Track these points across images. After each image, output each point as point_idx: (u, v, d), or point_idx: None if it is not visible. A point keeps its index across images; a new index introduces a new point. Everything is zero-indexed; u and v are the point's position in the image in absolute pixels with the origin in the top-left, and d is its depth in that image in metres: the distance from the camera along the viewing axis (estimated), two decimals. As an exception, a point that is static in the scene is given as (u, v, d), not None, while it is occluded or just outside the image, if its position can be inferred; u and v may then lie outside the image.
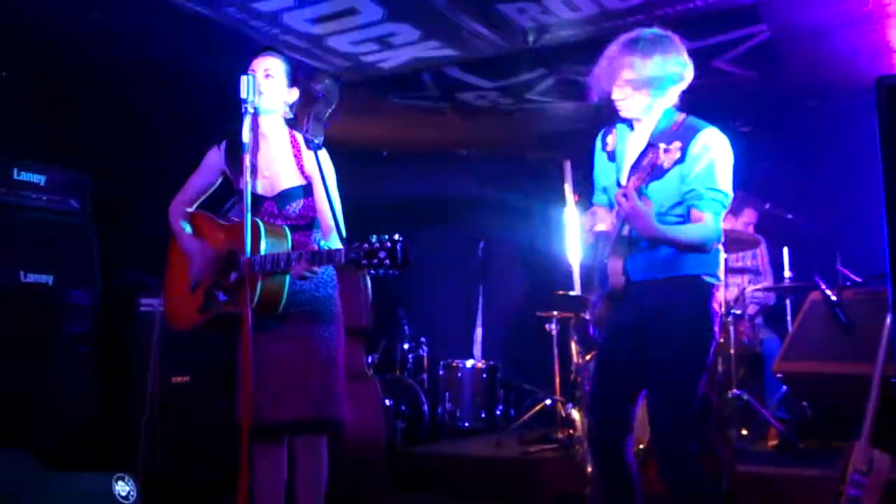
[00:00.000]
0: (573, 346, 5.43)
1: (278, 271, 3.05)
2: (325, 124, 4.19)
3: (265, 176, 3.33)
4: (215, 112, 3.62)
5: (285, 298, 3.15)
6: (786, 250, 5.74)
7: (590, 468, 4.44)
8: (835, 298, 4.50)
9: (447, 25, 4.64)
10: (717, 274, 3.06)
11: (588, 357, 5.09)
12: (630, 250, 3.05)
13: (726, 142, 3.04)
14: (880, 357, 3.39)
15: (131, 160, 5.55)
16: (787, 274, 5.66)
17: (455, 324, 7.97)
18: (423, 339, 7.30)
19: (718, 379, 5.24)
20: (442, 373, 6.76)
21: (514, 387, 7.05)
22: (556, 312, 6.12)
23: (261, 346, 3.20)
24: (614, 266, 3.04)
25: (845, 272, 5.16)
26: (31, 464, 3.80)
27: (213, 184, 3.47)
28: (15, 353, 4.27)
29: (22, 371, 4.28)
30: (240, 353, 3.25)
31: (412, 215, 7.49)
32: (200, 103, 5.51)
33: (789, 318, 5.68)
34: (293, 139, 3.40)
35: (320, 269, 3.16)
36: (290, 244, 3.17)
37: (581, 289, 5.30)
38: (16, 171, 4.48)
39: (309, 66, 5.09)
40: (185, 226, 3.43)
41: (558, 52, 4.93)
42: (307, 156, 3.35)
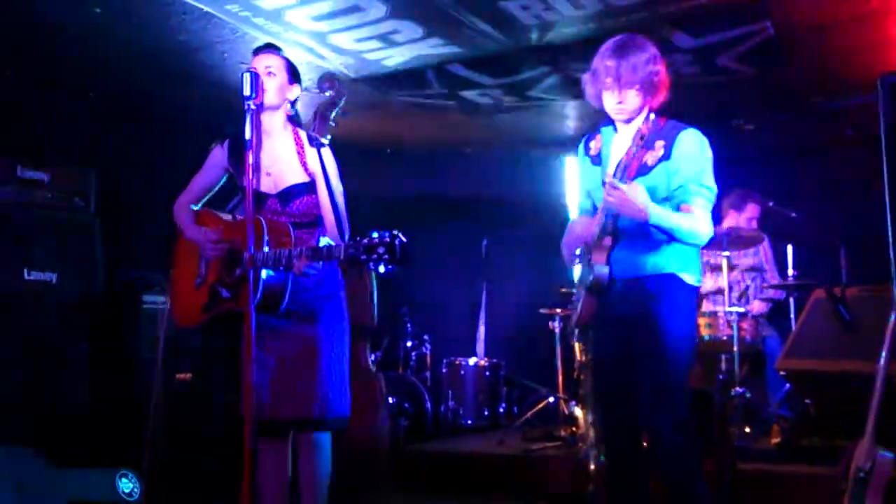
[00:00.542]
0: (576, 343, 5.42)
1: (280, 269, 3.06)
2: (332, 123, 4.18)
3: (269, 173, 3.33)
4: (219, 109, 3.62)
5: (288, 296, 3.16)
6: (790, 248, 5.74)
7: (592, 466, 4.45)
8: (838, 296, 4.49)
9: (451, 23, 4.63)
10: (697, 274, 3.19)
11: (591, 356, 5.09)
12: (614, 247, 3.12)
13: (706, 142, 3.13)
14: (884, 355, 3.39)
15: (135, 158, 5.56)
16: (791, 272, 5.66)
17: (458, 321, 7.97)
18: (427, 337, 7.31)
19: (721, 377, 5.24)
20: (445, 370, 6.77)
21: (517, 384, 7.06)
22: (559, 310, 6.12)
23: (265, 343, 3.22)
24: (598, 259, 3.10)
25: (849, 269, 5.16)
26: (36, 460, 3.81)
27: (218, 182, 3.47)
28: (19, 351, 4.28)
29: (26, 368, 4.29)
30: (244, 350, 3.25)
31: (415, 213, 7.49)
32: (204, 100, 5.53)
33: (793, 316, 5.68)
34: (297, 136, 3.39)
35: (321, 265, 3.17)
36: (292, 242, 3.17)
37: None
38: (20, 169, 4.49)
39: (313, 64, 5.09)
40: (190, 220, 3.44)
41: (562, 49, 4.93)
42: (310, 153, 3.34)
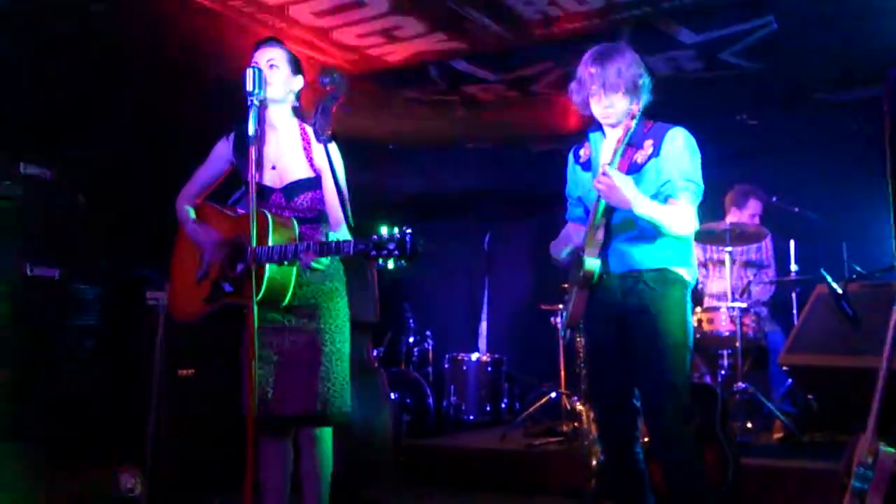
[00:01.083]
0: (578, 339, 5.42)
1: (286, 262, 3.06)
2: (331, 118, 4.18)
3: (274, 167, 3.32)
4: (222, 105, 3.62)
5: (291, 291, 3.16)
6: (792, 243, 5.74)
7: (595, 461, 4.45)
8: (841, 291, 4.49)
9: (453, 18, 4.63)
10: (691, 268, 3.18)
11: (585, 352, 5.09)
12: (607, 241, 3.13)
13: (694, 140, 3.16)
14: (886, 350, 3.38)
15: (138, 153, 5.56)
16: (794, 267, 5.66)
17: (460, 317, 7.98)
18: (429, 333, 7.32)
19: (724, 372, 5.24)
20: (447, 366, 6.77)
21: (518, 380, 7.06)
22: (561, 305, 6.11)
23: (267, 338, 3.22)
24: (590, 254, 3.11)
25: (851, 264, 5.15)
26: (38, 456, 3.82)
27: (221, 175, 3.47)
28: (21, 347, 4.28)
29: (28, 365, 4.29)
30: (243, 346, 3.26)
31: (418, 208, 7.49)
32: (207, 96, 5.52)
33: (795, 311, 5.68)
34: (303, 132, 3.39)
35: (328, 260, 3.17)
36: (297, 236, 3.17)
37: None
38: (22, 166, 4.49)
39: (315, 59, 5.09)
40: (192, 214, 3.44)
41: (564, 44, 4.92)
42: (317, 149, 3.34)
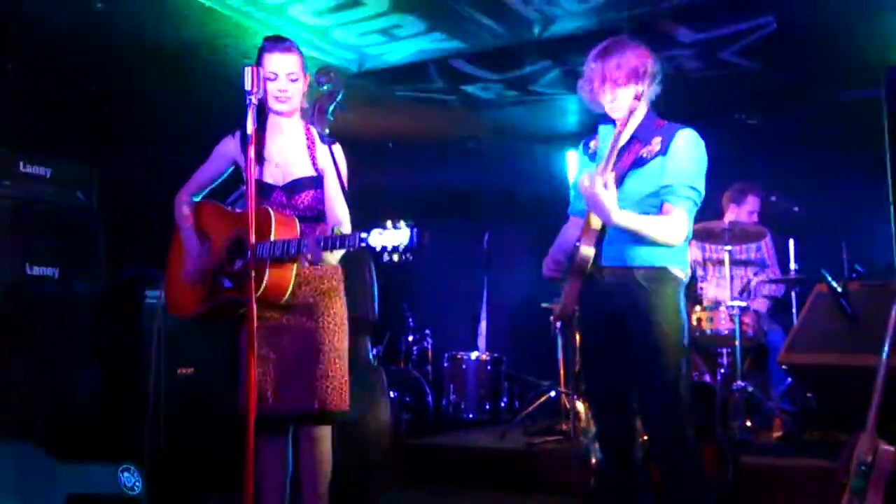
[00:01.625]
0: (577, 337, 5.42)
1: (288, 257, 3.05)
2: (330, 117, 4.19)
3: (277, 165, 3.32)
4: (222, 103, 3.62)
5: (290, 289, 3.16)
6: (791, 242, 5.74)
7: (594, 460, 4.45)
8: (840, 290, 4.49)
9: (453, 17, 4.63)
10: (684, 267, 3.17)
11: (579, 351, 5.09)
12: (603, 235, 3.12)
13: (703, 144, 3.15)
14: (885, 348, 3.39)
15: (137, 152, 5.56)
16: (793, 266, 5.66)
17: (459, 316, 7.97)
18: (428, 331, 7.32)
19: (723, 371, 5.24)
20: (446, 365, 6.77)
21: (518, 379, 7.06)
22: (557, 304, 6.11)
23: (266, 337, 3.22)
24: (585, 244, 3.10)
25: (851, 263, 5.16)
26: (37, 455, 3.81)
27: (223, 173, 3.46)
28: (21, 346, 4.28)
29: (28, 363, 4.29)
30: (243, 343, 3.26)
31: (417, 207, 7.46)
32: (206, 95, 5.52)
33: (794, 310, 5.68)
34: (308, 132, 3.39)
35: (336, 256, 3.16)
36: (299, 234, 3.17)
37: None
38: (21, 164, 4.49)
39: (315, 58, 5.09)
40: (189, 216, 3.44)
41: (564, 43, 4.92)
42: (321, 149, 3.34)
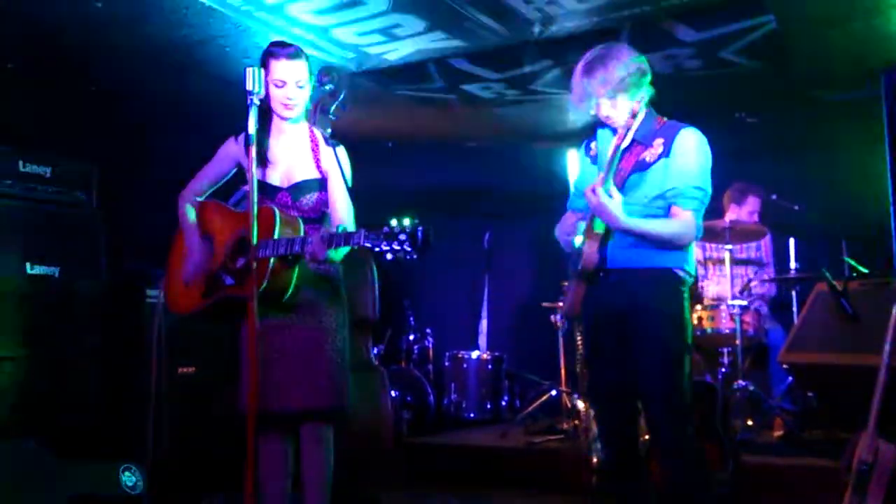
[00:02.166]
0: (578, 336, 5.43)
1: (292, 254, 3.05)
2: (331, 116, 4.19)
3: (281, 168, 3.33)
4: (221, 103, 3.62)
5: (292, 288, 3.16)
6: (792, 241, 5.74)
7: (595, 459, 4.45)
8: (841, 289, 4.49)
9: (453, 16, 4.62)
10: (689, 269, 3.17)
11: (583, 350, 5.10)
12: (609, 236, 3.13)
13: (706, 142, 3.15)
14: (886, 347, 3.39)
15: (137, 151, 5.56)
16: (793, 265, 5.66)
17: (460, 315, 7.98)
18: (429, 331, 7.32)
19: (724, 370, 5.24)
20: (447, 364, 6.78)
21: (519, 378, 7.07)
22: (561, 303, 6.12)
23: (266, 336, 3.21)
24: (589, 247, 3.11)
25: (851, 263, 5.16)
26: (39, 454, 3.82)
27: (227, 174, 3.47)
28: (22, 344, 4.29)
29: (28, 362, 4.30)
30: (243, 343, 3.26)
31: (417, 206, 7.46)
32: (206, 94, 5.53)
33: (795, 309, 5.68)
34: (312, 134, 3.40)
35: (340, 254, 3.18)
36: (302, 233, 3.17)
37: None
38: (21, 163, 4.49)
39: (314, 57, 5.09)
40: (192, 216, 3.44)
41: (564, 43, 4.91)
42: (325, 151, 3.36)
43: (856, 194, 6.01)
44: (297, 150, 3.36)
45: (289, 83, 3.22)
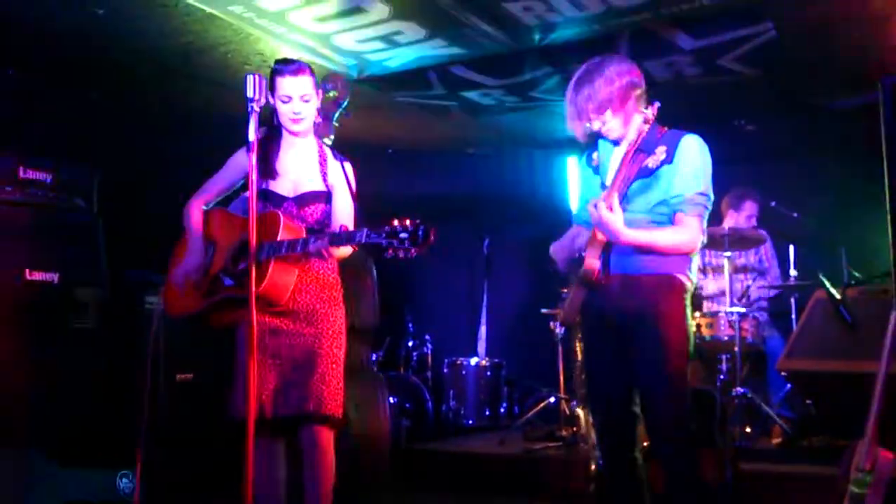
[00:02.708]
0: (577, 343, 5.43)
1: (293, 255, 3.09)
2: (335, 123, 4.21)
3: (289, 179, 3.38)
4: (222, 109, 3.63)
5: (289, 294, 3.19)
6: (791, 248, 5.74)
7: (594, 466, 4.45)
8: (839, 297, 4.50)
9: (453, 24, 4.63)
10: (691, 275, 3.18)
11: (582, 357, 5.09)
12: (609, 245, 3.12)
13: (707, 148, 3.17)
14: (884, 355, 3.39)
15: (137, 158, 5.56)
16: (793, 272, 5.67)
17: (459, 321, 7.97)
18: (428, 337, 7.32)
19: (722, 377, 5.25)
20: (446, 370, 6.77)
21: (518, 384, 7.06)
22: (560, 310, 6.12)
23: (264, 342, 3.23)
24: (591, 255, 3.12)
25: (850, 270, 5.16)
26: (37, 460, 3.82)
27: (237, 184, 3.51)
28: (20, 351, 4.28)
29: (27, 368, 4.29)
30: (239, 347, 3.27)
31: (417, 212, 7.46)
32: (207, 101, 5.54)
33: (794, 317, 5.68)
34: (321, 148, 3.47)
35: (338, 251, 3.21)
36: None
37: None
38: (22, 170, 4.50)
39: (315, 64, 5.10)
40: (199, 224, 3.46)
41: (564, 50, 4.93)
42: (332, 165, 3.41)
43: (855, 202, 6.02)
44: (306, 163, 3.41)
45: (294, 98, 3.30)
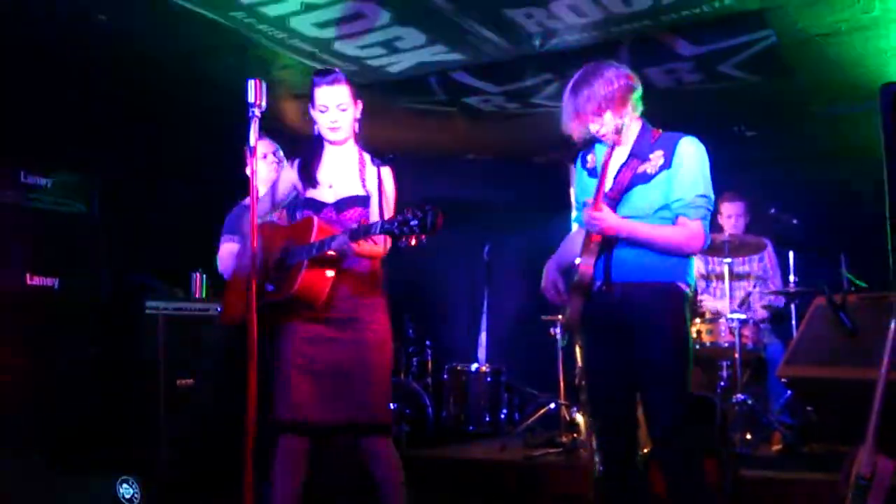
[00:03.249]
0: (577, 349, 5.42)
1: (322, 254, 3.15)
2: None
3: (330, 185, 3.45)
4: (223, 114, 3.63)
5: (327, 295, 3.26)
6: (791, 255, 5.74)
7: (594, 471, 4.44)
8: (839, 303, 4.49)
9: (454, 30, 4.64)
10: (690, 281, 3.19)
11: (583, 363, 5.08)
12: (607, 250, 3.14)
13: (704, 149, 3.18)
14: (885, 362, 3.39)
15: (138, 164, 5.57)
16: (793, 278, 5.66)
17: (459, 327, 7.96)
18: (428, 343, 7.30)
19: (723, 383, 5.24)
20: (446, 376, 6.76)
21: (518, 390, 7.05)
22: (560, 316, 6.11)
23: (313, 349, 3.31)
24: (585, 262, 3.14)
25: (850, 277, 5.16)
26: (38, 465, 3.82)
27: (287, 198, 3.59)
28: (21, 356, 4.29)
29: (28, 373, 4.29)
30: (283, 351, 3.34)
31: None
32: (208, 105, 5.55)
33: (794, 323, 5.68)
34: (360, 155, 3.53)
35: (363, 245, 3.23)
36: None
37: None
38: (23, 174, 4.51)
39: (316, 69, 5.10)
40: (254, 238, 3.50)
41: (564, 56, 4.94)
42: (370, 171, 3.48)
43: (854, 208, 6.02)
44: (345, 169, 3.48)
45: (331, 107, 3.39)
